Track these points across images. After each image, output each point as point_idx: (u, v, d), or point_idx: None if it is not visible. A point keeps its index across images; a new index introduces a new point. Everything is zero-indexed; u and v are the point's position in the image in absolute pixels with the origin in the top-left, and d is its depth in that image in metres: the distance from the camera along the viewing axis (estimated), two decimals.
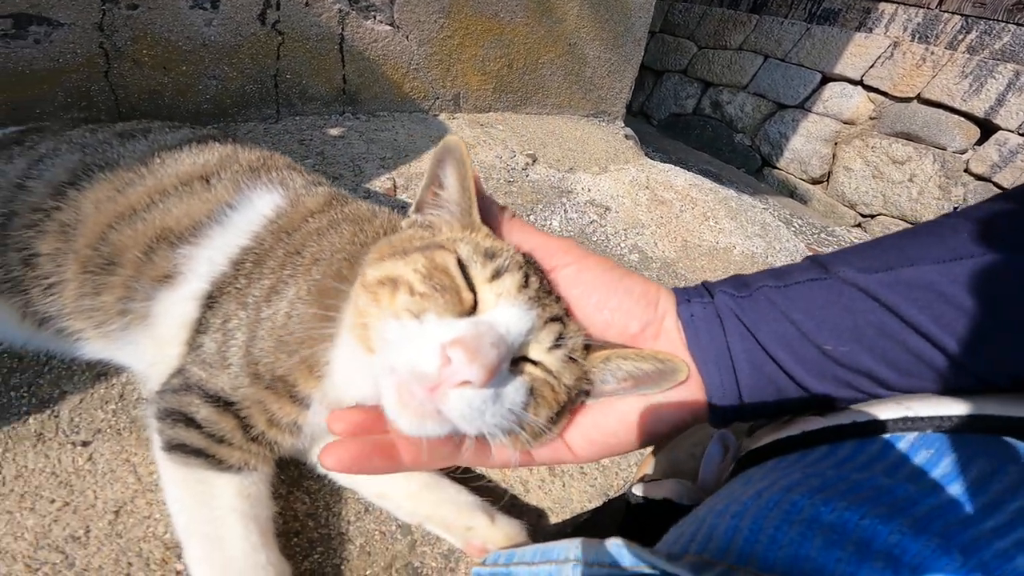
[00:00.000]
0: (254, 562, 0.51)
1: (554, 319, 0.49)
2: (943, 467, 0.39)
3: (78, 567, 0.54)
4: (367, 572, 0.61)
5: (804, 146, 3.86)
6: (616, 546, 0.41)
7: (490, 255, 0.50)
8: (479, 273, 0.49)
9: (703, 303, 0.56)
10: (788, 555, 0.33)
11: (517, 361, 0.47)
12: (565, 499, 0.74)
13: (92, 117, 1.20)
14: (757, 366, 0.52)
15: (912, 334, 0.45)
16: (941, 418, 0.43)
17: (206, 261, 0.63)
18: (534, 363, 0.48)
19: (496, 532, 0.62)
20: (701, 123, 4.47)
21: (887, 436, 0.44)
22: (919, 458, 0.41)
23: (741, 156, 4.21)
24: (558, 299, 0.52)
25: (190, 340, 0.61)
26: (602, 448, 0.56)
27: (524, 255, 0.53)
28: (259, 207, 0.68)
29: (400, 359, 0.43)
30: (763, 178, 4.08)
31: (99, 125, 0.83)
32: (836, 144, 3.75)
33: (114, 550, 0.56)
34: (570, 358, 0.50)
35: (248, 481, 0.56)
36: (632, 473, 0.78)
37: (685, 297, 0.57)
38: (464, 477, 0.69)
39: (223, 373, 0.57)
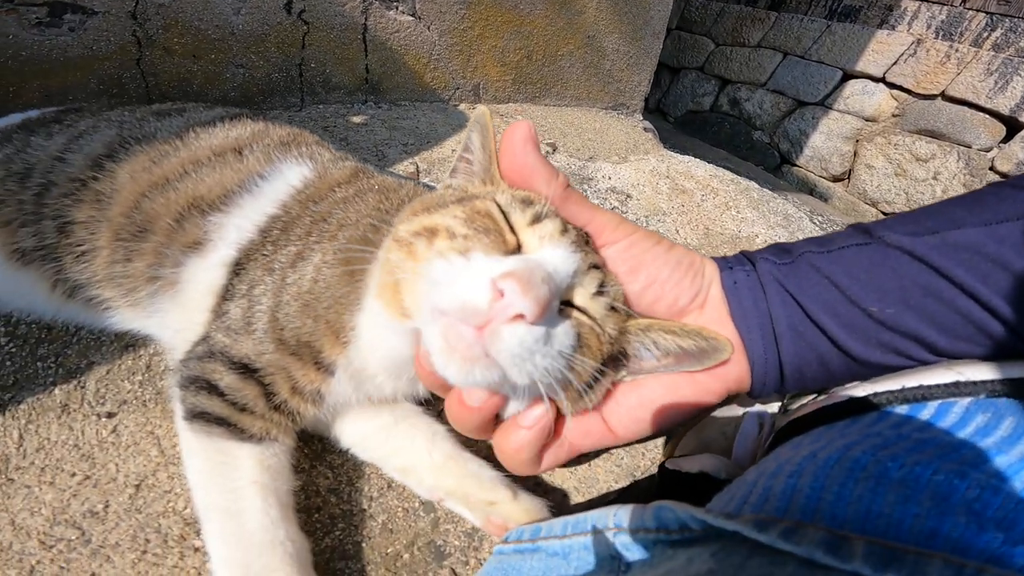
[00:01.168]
0: (272, 537, 0.49)
1: (595, 266, 0.49)
2: (1003, 430, 0.38)
3: (94, 544, 0.52)
4: (388, 550, 0.59)
5: (824, 143, 3.80)
6: (663, 508, 0.39)
7: (527, 202, 0.50)
8: (520, 217, 0.48)
9: (745, 271, 0.55)
10: (859, 511, 0.31)
11: (562, 306, 0.46)
12: (591, 479, 0.73)
13: (123, 104, 1.22)
14: (799, 333, 0.51)
15: (960, 295, 0.43)
16: (994, 382, 0.42)
17: (235, 228, 0.63)
18: (579, 309, 0.47)
19: (517, 508, 0.60)
20: (718, 120, 4.43)
21: (940, 402, 0.42)
22: (976, 422, 0.39)
23: (759, 153, 4.17)
24: (596, 251, 0.52)
25: (216, 308, 0.61)
26: (647, 425, 0.55)
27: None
28: (288, 178, 0.68)
29: (448, 296, 0.41)
30: (782, 175, 4.02)
31: (136, 107, 0.85)
32: (858, 141, 3.69)
33: (132, 526, 0.54)
34: (612, 307, 0.49)
35: (269, 452, 0.55)
36: (659, 454, 0.77)
37: (727, 265, 0.57)
38: (490, 454, 0.68)
39: (248, 339, 0.57)
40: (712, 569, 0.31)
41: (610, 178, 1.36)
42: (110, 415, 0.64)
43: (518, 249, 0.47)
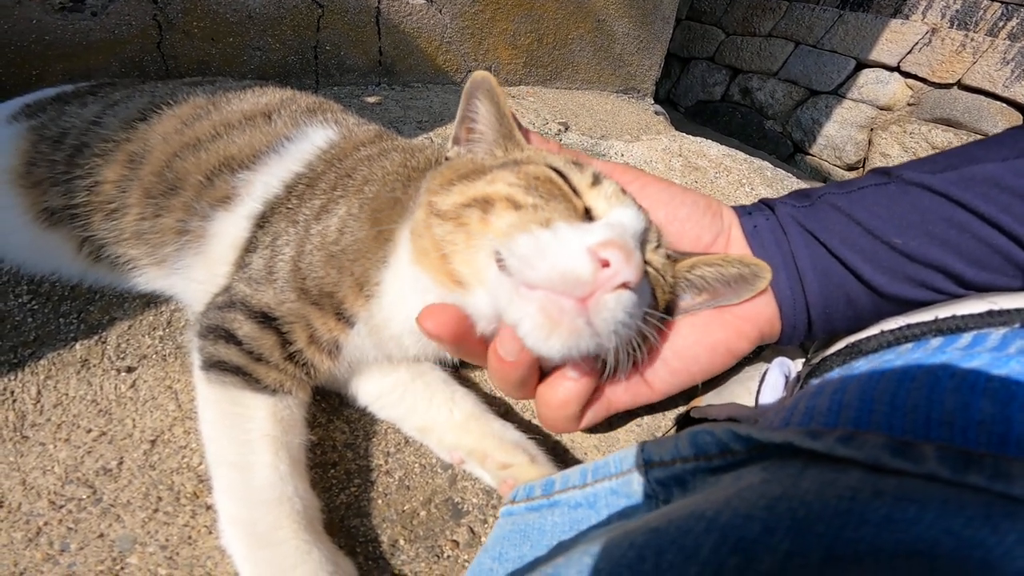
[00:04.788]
0: (280, 493, 0.48)
1: (651, 222, 0.49)
2: None
3: (105, 502, 0.51)
4: (405, 507, 0.58)
5: (838, 132, 3.75)
6: (700, 433, 0.36)
7: (577, 164, 0.49)
8: (580, 179, 0.47)
9: (765, 215, 0.55)
10: (917, 420, 0.29)
11: None
12: (611, 439, 0.72)
13: None
14: (823, 271, 0.50)
15: (983, 225, 0.43)
16: None
17: (262, 184, 0.64)
18: (647, 263, 0.47)
19: (532, 472, 0.57)
20: (730, 110, 4.40)
21: (975, 333, 0.41)
22: (1016, 345, 0.38)
23: (772, 143, 4.13)
24: None
25: (239, 260, 0.62)
26: (685, 377, 0.55)
27: None
28: (314, 139, 0.70)
29: (545, 270, 0.39)
30: (795, 164, 3.98)
31: (168, 80, 0.88)
32: (872, 130, 3.63)
33: (145, 483, 0.53)
34: (668, 257, 0.49)
35: (282, 404, 0.54)
36: (680, 413, 0.76)
37: (746, 211, 0.56)
38: (508, 412, 0.68)
39: (269, 288, 0.57)
40: (766, 479, 0.28)
41: (623, 155, 1.35)
42: (130, 370, 0.65)
43: (587, 213, 0.46)
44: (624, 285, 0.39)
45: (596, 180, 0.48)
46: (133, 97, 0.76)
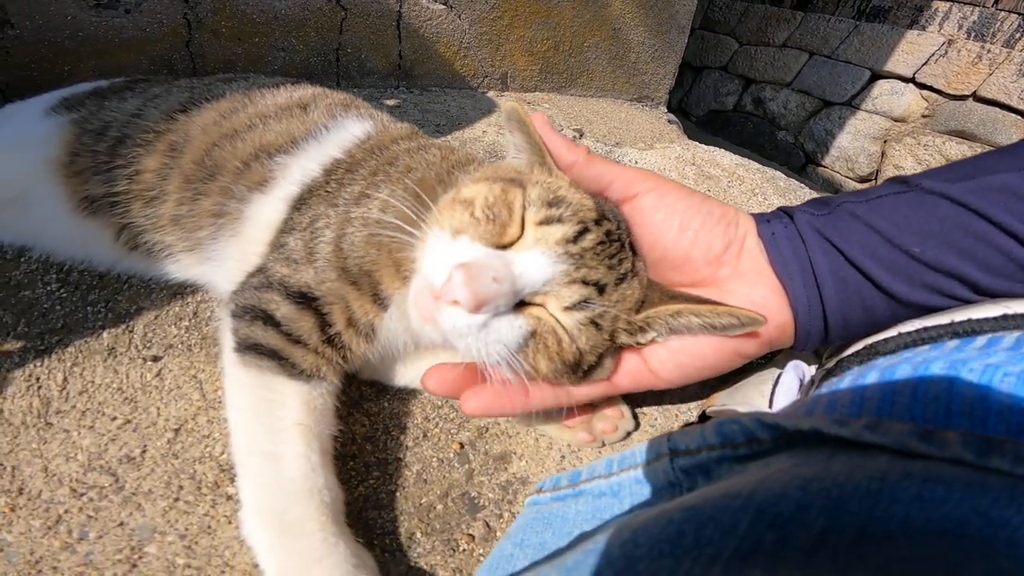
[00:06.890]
0: (311, 485, 0.48)
1: (588, 283, 0.49)
2: None
3: (126, 491, 0.51)
4: (422, 500, 0.58)
5: (851, 144, 3.74)
6: (726, 422, 0.37)
7: (553, 203, 0.51)
8: (532, 215, 0.50)
9: (783, 223, 0.56)
10: (939, 411, 0.30)
11: (529, 305, 0.49)
12: (625, 444, 0.73)
13: None
14: (841, 279, 0.51)
15: (1000, 234, 0.44)
16: None
17: (299, 168, 0.66)
18: (549, 314, 0.49)
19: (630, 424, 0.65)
20: (742, 120, 4.39)
21: (989, 336, 0.42)
22: None
23: (784, 153, 4.11)
24: (619, 265, 0.51)
25: (274, 241, 0.63)
26: (691, 371, 0.56)
27: (598, 211, 0.53)
28: (352, 130, 0.72)
29: (424, 264, 0.50)
30: (807, 175, 3.96)
31: (203, 76, 0.91)
32: (886, 142, 3.61)
33: (167, 471, 0.53)
34: (595, 324, 0.49)
35: (316, 392, 0.54)
36: (694, 417, 0.77)
37: (765, 219, 0.57)
38: None
39: (309, 267, 0.57)
40: (797, 463, 0.29)
41: (636, 163, 1.36)
42: (155, 359, 0.66)
43: (515, 242, 0.50)
44: (457, 303, 0.44)
45: (547, 221, 0.49)
46: (172, 92, 0.79)
